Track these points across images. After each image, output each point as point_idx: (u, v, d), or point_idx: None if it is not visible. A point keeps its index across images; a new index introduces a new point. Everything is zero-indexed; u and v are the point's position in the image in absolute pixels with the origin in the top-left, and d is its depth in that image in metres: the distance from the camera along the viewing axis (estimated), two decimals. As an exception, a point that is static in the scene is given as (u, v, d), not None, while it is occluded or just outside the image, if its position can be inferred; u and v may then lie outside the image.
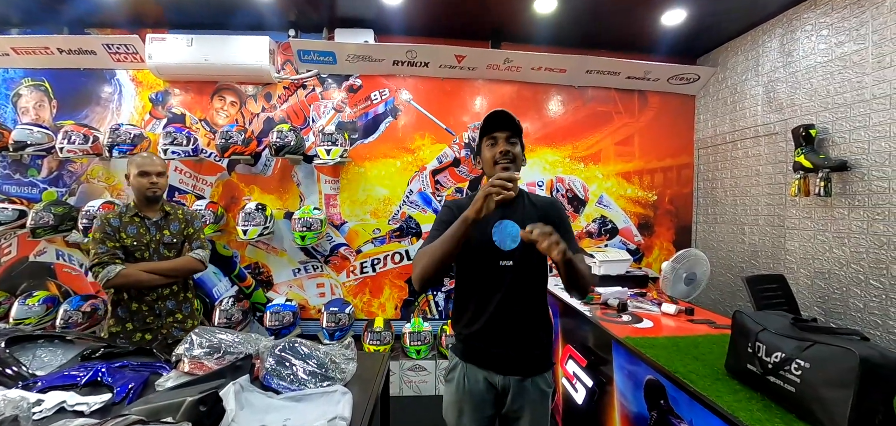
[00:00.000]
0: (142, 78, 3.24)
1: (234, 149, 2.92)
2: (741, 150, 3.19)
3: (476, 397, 1.35)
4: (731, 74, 3.29)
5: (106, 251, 1.73)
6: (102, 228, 1.76)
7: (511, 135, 1.31)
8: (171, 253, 1.87)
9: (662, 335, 1.94)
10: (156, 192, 1.84)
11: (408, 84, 3.32)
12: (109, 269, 1.70)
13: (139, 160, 1.83)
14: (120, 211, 1.84)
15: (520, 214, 1.34)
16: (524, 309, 1.34)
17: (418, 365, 2.94)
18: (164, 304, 1.86)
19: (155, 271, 1.79)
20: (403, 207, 3.33)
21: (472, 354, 1.37)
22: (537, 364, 1.37)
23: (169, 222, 1.90)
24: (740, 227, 3.19)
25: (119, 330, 1.81)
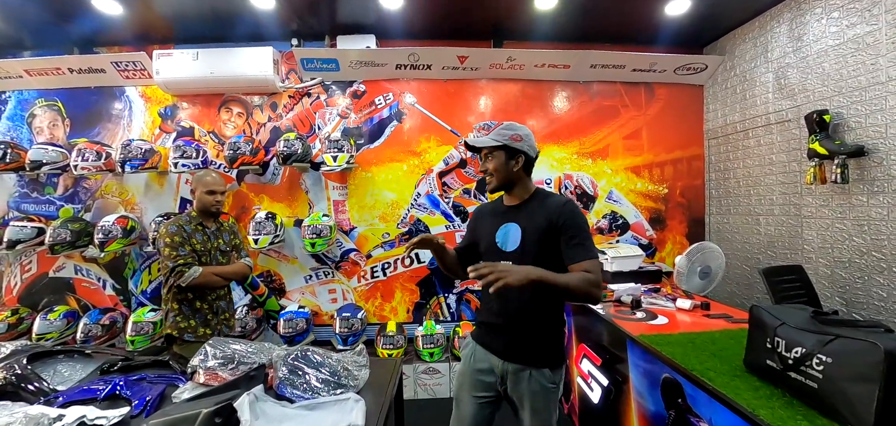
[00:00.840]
0: (150, 93, 3.30)
1: (242, 159, 2.95)
2: (753, 138, 3.12)
3: (478, 375, 1.52)
4: (739, 62, 3.23)
5: (187, 254, 1.93)
6: (179, 233, 1.95)
7: (487, 152, 1.48)
8: (224, 259, 2.12)
9: (678, 331, 1.91)
10: (220, 208, 2.10)
11: (411, 87, 3.32)
12: (194, 270, 1.91)
13: (209, 180, 2.06)
14: (185, 220, 2.03)
15: (526, 217, 1.46)
16: (522, 305, 1.43)
17: (432, 368, 2.94)
18: (220, 304, 2.11)
19: (220, 275, 2.03)
20: (412, 210, 3.33)
21: (480, 337, 1.56)
22: (537, 357, 1.43)
23: (222, 232, 2.15)
24: (755, 218, 3.13)
25: (185, 326, 1.99)
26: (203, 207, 2.06)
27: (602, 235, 3.47)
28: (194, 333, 2.00)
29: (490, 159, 1.47)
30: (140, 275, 3.31)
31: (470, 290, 3.38)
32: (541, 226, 1.40)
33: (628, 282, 2.89)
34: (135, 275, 3.31)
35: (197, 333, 2.01)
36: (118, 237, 2.96)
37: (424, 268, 3.34)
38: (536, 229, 1.41)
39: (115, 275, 3.33)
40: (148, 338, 2.98)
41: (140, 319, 2.98)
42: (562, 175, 3.42)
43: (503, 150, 1.45)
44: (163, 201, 3.28)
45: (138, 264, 3.31)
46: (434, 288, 3.36)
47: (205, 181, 2.06)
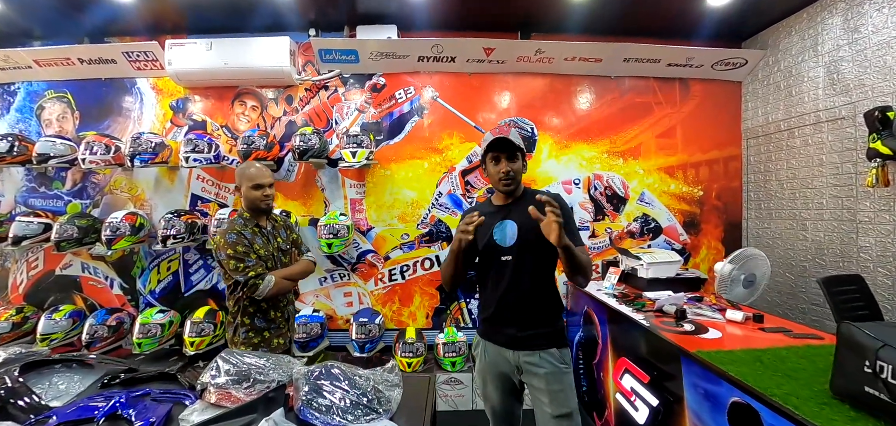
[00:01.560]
0: (162, 86, 3.17)
1: (256, 154, 2.80)
2: (799, 138, 2.91)
3: (496, 368, 1.61)
4: (784, 57, 3.02)
5: (255, 263, 1.73)
6: (241, 241, 1.75)
7: (511, 154, 1.51)
8: (286, 258, 1.93)
9: (738, 348, 1.71)
10: (269, 203, 1.86)
11: (433, 81, 3.15)
12: (268, 280, 1.72)
13: (253, 172, 1.83)
14: (242, 223, 1.83)
15: (521, 213, 1.50)
16: (527, 295, 1.53)
17: (454, 378, 2.76)
18: (290, 310, 1.97)
19: (290, 277, 1.86)
20: (433, 210, 3.16)
21: (489, 334, 1.63)
22: (546, 341, 1.54)
23: (278, 230, 1.95)
24: (801, 223, 2.91)
25: (259, 340, 1.82)
26: (252, 205, 1.84)
27: (633, 239, 3.27)
28: (269, 346, 1.84)
29: (515, 161, 1.52)
30: (148, 275, 3.18)
31: (492, 296, 3.19)
32: (535, 222, 1.40)
33: (665, 290, 2.71)
34: (143, 274, 3.19)
35: (271, 346, 1.85)
36: (126, 234, 2.83)
37: (445, 271, 3.17)
38: (531, 226, 1.43)
39: (122, 274, 3.20)
40: (156, 340, 2.85)
41: (147, 321, 2.84)
42: (591, 175, 3.23)
43: (520, 151, 1.54)
44: (173, 197, 3.15)
45: (147, 263, 3.18)
46: (455, 293, 3.19)
47: (248, 174, 1.83)
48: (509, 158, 1.50)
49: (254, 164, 1.88)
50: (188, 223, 2.87)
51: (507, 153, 1.50)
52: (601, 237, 3.25)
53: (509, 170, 1.49)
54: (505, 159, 1.50)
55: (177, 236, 2.81)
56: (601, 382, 2.51)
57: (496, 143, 1.50)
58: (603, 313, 2.52)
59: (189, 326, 2.80)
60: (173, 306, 3.11)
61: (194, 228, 2.92)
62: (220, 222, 2.79)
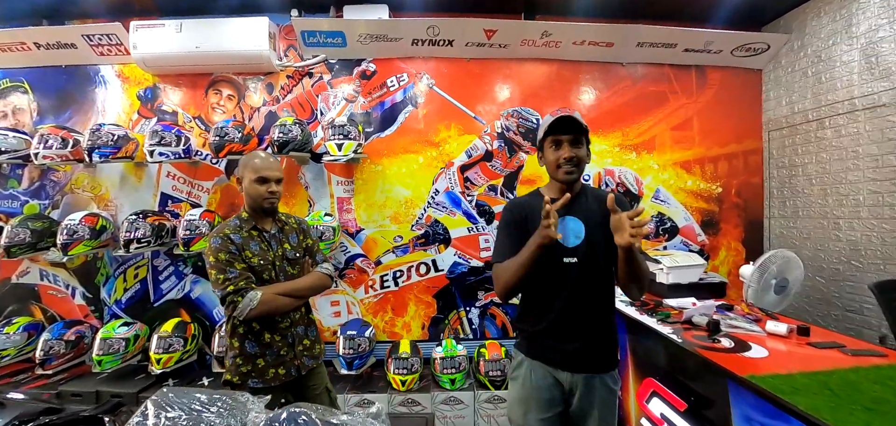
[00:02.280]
0: (128, 73, 2.86)
1: (230, 147, 2.50)
2: (831, 128, 2.65)
3: (542, 394, 1.37)
4: (812, 41, 2.76)
5: (238, 275, 1.44)
6: (225, 247, 1.47)
7: (575, 138, 1.32)
8: (295, 269, 1.62)
9: (795, 369, 1.44)
10: (274, 202, 1.57)
11: (429, 67, 2.87)
12: (251, 297, 1.41)
13: (257, 163, 1.53)
14: (235, 225, 1.55)
15: (583, 210, 1.37)
16: (591, 305, 1.35)
17: (453, 397, 2.46)
18: (295, 331, 1.60)
19: (290, 293, 1.52)
20: (428, 210, 2.87)
21: (539, 352, 1.40)
22: (606, 361, 1.38)
23: (287, 234, 1.65)
24: (833, 221, 2.65)
25: (249, 368, 1.52)
26: (253, 202, 1.55)
27: (647, 241, 3.00)
28: (262, 377, 1.52)
29: (580, 147, 1.33)
30: (114, 283, 2.86)
31: (494, 303, 2.91)
32: (602, 219, 1.29)
33: (688, 297, 2.45)
34: (108, 282, 2.87)
35: (265, 377, 1.52)
36: (85, 238, 2.51)
37: (443, 277, 2.88)
38: (598, 223, 1.33)
39: (86, 282, 2.88)
40: (119, 357, 2.53)
41: (109, 335, 2.53)
42: (602, 170, 2.96)
43: (585, 137, 1.35)
44: (141, 197, 2.84)
45: (112, 270, 2.86)
46: (454, 301, 2.90)
47: (252, 164, 1.53)
48: (573, 143, 1.31)
49: (259, 154, 1.58)
50: (155, 225, 2.56)
51: (570, 136, 1.31)
52: (613, 238, 2.98)
53: (573, 155, 1.31)
54: (567, 144, 1.31)
55: (142, 240, 2.50)
56: (621, 402, 2.23)
57: (558, 123, 1.32)
58: (621, 324, 2.24)
59: (156, 341, 2.50)
60: (141, 318, 2.80)
61: (162, 231, 2.61)
62: (189, 223, 2.48)
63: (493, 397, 2.47)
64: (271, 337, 1.54)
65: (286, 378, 1.57)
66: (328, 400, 1.68)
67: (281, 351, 1.55)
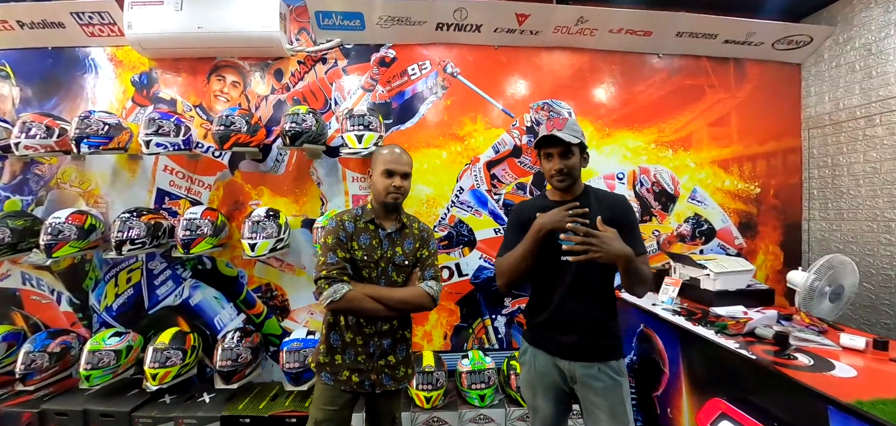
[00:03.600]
0: (122, 57, 2.61)
1: (235, 138, 2.25)
2: (883, 125, 2.48)
3: (545, 379, 1.48)
4: (860, 33, 2.60)
5: (335, 263, 1.45)
6: (336, 232, 1.50)
7: (565, 149, 1.40)
8: (400, 277, 1.55)
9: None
10: (398, 197, 1.53)
11: (454, 54, 2.64)
12: (336, 288, 1.41)
13: (386, 155, 1.53)
14: (356, 213, 1.56)
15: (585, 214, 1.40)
16: (588, 301, 1.43)
17: (483, 415, 2.25)
18: (380, 343, 1.53)
19: (381, 300, 1.46)
20: (452, 210, 2.65)
21: (540, 341, 1.51)
22: (605, 352, 1.44)
23: (404, 238, 1.58)
24: (884, 225, 2.49)
25: (327, 360, 1.52)
26: (378, 196, 1.53)
27: (683, 243, 2.82)
28: (335, 376, 1.50)
29: (569, 158, 1.41)
30: (104, 288, 2.60)
31: (523, 310, 2.69)
32: (605, 221, 1.33)
33: (735, 305, 2.26)
34: (97, 287, 2.60)
35: (338, 376, 1.50)
36: (71, 238, 2.26)
37: (467, 282, 2.66)
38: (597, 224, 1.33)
39: (73, 286, 2.62)
40: (110, 371, 2.28)
41: (98, 347, 2.27)
42: (636, 169, 2.76)
43: (579, 146, 1.42)
44: (134, 193, 2.58)
45: (102, 273, 2.60)
46: (478, 307, 2.68)
47: (382, 156, 1.53)
48: (562, 155, 1.41)
49: (393, 149, 1.56)
50: (150, 224, 2.31)
51: (559, 148, 1.40)
52: (648, 241, 2.78)
53: (562, 167, 1.41)
54: (557, 156, 1.41)
55: (136, 241, 2.25)
56: (670, 421, 2.04)
57: (543, 140, 1.42)
58: (670, 335, 2.05)
59: (151, 354, 2.24)
60: (134, 326, 2.55)
61: (159, 231, 2.36)
62: (189, 223, 2.24)
63: (527, 415, 2.25)
64: (353, 338, 1.50)
65: (359, 388, 1.52)
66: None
67: (358, 356, 1.51)
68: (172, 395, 2.37)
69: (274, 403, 2.31)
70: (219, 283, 2.60)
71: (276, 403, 2.31)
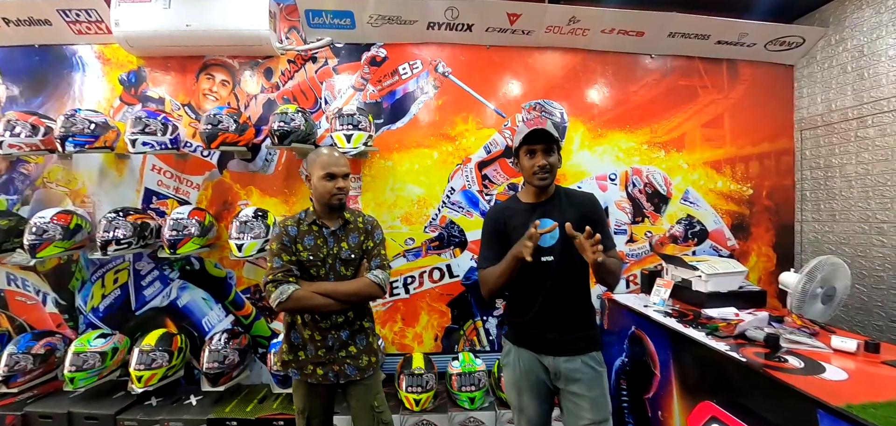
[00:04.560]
0: (110, 54, 2.57)
1: (223, 137, 2.22)
2: (875, 127, 2.48)
3: (531, 377, 1.52)
4: (853, 34, 2.60)
5: (280, 266, 1.51)
6: (280, 238, 1.56)
7: (548, 146, 1.45)
8: (349, 271, 1.61)
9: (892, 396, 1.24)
10: (341, 198, 1.58)
11: (445, 53, 2.63)
12: (282, 290, 1.47)
13: (325, 158, 1.57)
14: (299, 217, 1.63)
15: (557, 212, 1.48)
16: (567, 298, 1.49)
17: (474, 418, 2.22)
18: (338, 335, 1.59)
19: (330, 295, 1.53)
20: (443, 210, 2.63)
21: (524, 340, 1.54)
22: (585, 344, 1.50)
23: (348, 233, 1.63)
24: (875, 226, 2.49)
25: (291, 358, 1.60)
26: (321, 199, 1.57)
27: (676, 244, 2.81)
28: (301, 371, 1.59)
29: (552, 155, 1.45)
30: (90, 289, 2.56)
31: (513, 312, 2.68)
32: (574, 219, 1.38)
33: (727, 307, 2.25)
34: (84, 287, 2.56)
35: (304, 371, 1.58)
36: (57, 238, 2.22)
37: (458, 283, 2.64)
38: (572, 223, 1.35)
39: (59, 287, 2.58)
40: (95, 373, 2.24)
41: (83, 348, 2.23)
42: (629, 169, 2.75)
43: (557, 144, 1.47)
44: (122, 193, 2.55)
45: (89, 274, 2.56)
46: (469, 309, 2.66)
47: (320, 160, 1.57)
48: (546, 151, 1.44)
49: (325, 150, 1.61)
50: (137, 224, 2.28)
51: (543, 146, 1.44)
52: (640, 242, 2.77)
53: (546, 163, 1.43)
54: (541, 152, 1.44)
55: (122, 241, 2.22)
56: (661, 424, 2.02)
57: (532, 135, 1.43)
58: (662, 337, 2.03)
59: (136, 356, 2.21)
60: (121, 328, 2.51)
61: (146, 231, 2.33)
62: (176, 223, 2.21)
63: (517, 417, 2.23)
64: (311, 334, 1.56)
65: (325, 380, 1.58)
66: (369, 419, 1.64)
67: (318, 351, 1.57)
68: (159, 398, 2.34)
69: (262, 406, 2.28)
70: (207, 284, 2.57)
71: (263, 406, 2.28)
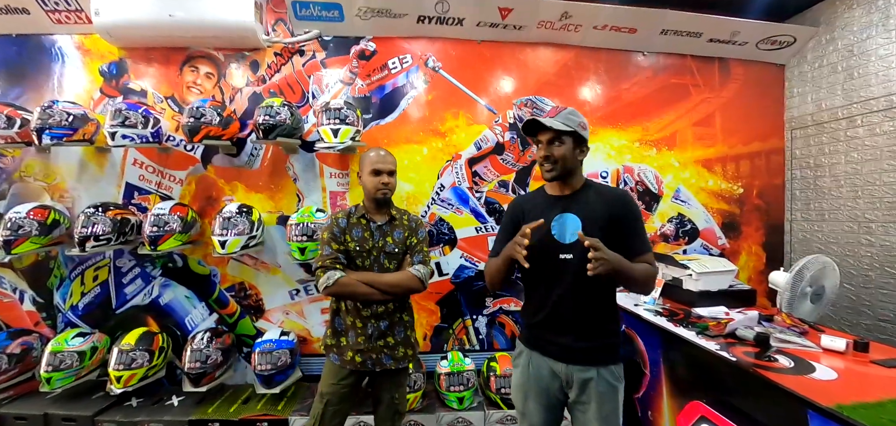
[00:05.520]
0: (90, 45, 2.50)
1: (206, 131, 2.17)
2: (864, 126, 2.49)
3: (541, 383, 1.41)
4: (844, 34, 2.60)
5: (329, 254, 1.61)
6: (331, 228, 1.66)
7: (553, 136, 1.34)
8: (392, 264, 1.69)
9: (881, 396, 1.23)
10: (386, 193, 1.67)
11: (435, 48, 2.59)
12: (329, 275, 1.57)
13: (373, 156, 1.68)
14: (350, 210, 1.73)
15: (582, 207, 1.36)
16: (587, 300, 1.34)
17: (462, 418, 2.19)
18: (378, 324, 1.66)
19: (373, 284, 1.61)
20: (433, 207, 2.59)
21: (536, 342, 1.44)
22: (603, 355, 1.36)
23: (393, 229, 1.71)
24: (864, 225, 2.49)
25: (333, 343, 1.69)
26: (368, 194, 1.68)
27: (667, 243, 2.80)
28: (340, 356, 1.66)
29: (558, 145, 1.34)
30: (69, 286, 2.49)
31: (504, 311, 2.65)
32: (601, 217, 1.32)
33: (717, 306, 2.24)
34: (62, 285, 2.49)
35: (343, 357, 1.65)
36: (33, 234, 2.15)
37: (447, 282, 2.60)
38: (596, 220, 1.32)
39: (37, 284, 2.50)
40: (73, 373, 2.17)
41: (60, 348, 2.17)
42: (620, 167, 2.73)
43: (572, 136, 1.35)
44: (103, 188, 2.48)
45: (68, 271, 2.49)
46: (459, 308, 2.63)
47: (369, 158, 1.67)
48: (550, 142, 1.35)
49: (379, 150, 1.71)
50: (117, 220, 2.21)
51: (547, 136, 1.34)
52: (631, 241, 2.76)
53: (548, 154, 1.35)
54: (544, 144, 1.36)
55: (101, 237, 2.15)
56: (651, 423, 2.00)
57: (526, 125, 1.39)
58: (652, 336, 2.02)
59: (116, 355, 2.14)
60: (102, 326, 2.45)
61: (126, 227, 2.26)
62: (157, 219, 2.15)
63: (506, 417, 2.20)
64: (353, 321, 1.64)
65: (362, 367, 1.64)
66: (388, 411, 1.71)
67: (359, 338, 1.63)
68: (139, 399, 2.28)
69: (245, 406, 2.23)
70: (190, 282, 2.51)
71: (247, 406, 2.23)
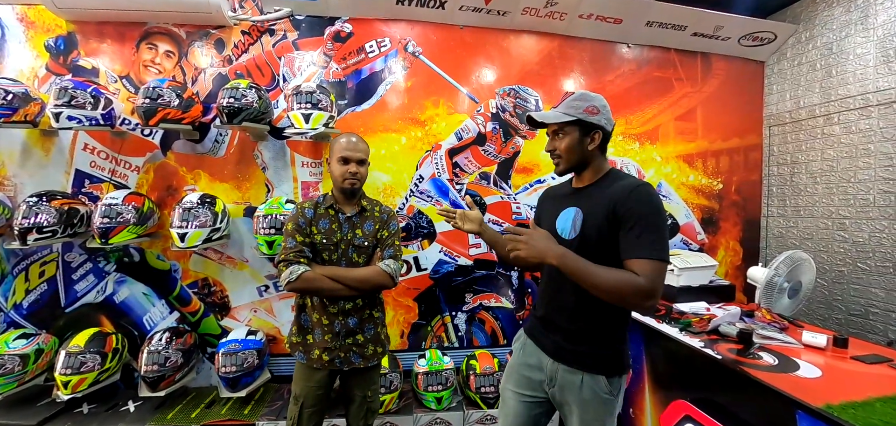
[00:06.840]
0: (34, 17, 2.26)
1: (164, 113, 1.98)
2: (840, 124, 2.51)
3: (524, 371, 1.39)
4: (822, 32, 2.62)
5: (293, 246, 1.51)
6: (296, 218, 1.56)
7: (557, 129, 1.29)
8: (361, 258, 1.59)
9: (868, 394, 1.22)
10: (354, 183, 1.56)
11: (415, 32, 2.46)
12: (292, 269, 1.47)
13: (343, 142, 1.56)
14: (317, 200, 1.61)
15: (588, 200, 1.28)
16: (580, 301, 1.24)
17: (440, 419, 2.11)
18: (345, 322, 1.57)
19: (339, 279, 1.51)
20: (411, 199, 2.48)
21: (531, 331, 1.43)
22: (592, 361, 1.25)
23: (363, 221, 1.62)
24: (838, 222, 2.53)
25: (299, 340, 1.60)
26: (336, 183, 1.58)
27: (648, 239, 2.77)
28: (307, 354, 1.57)
29: (560, 137, 1.28)
30: (12, 283, 2.26)
31: (484, 307, 2.58)
32: (600, 212, 1.20)
33: (698, 302, 2.24)
34: (4, 281, 2.27)
35: (310, 355, 1.57)
36: (-35, 225, 1.93)
37: (426, 277, 2.51)
38: (596, 215, 1.21)
39: (-25, 280, 2.27)
40: (14, 379, 1.98)
41: (1, 351, 1.96)
42: (604, 161, 2.68)
43: (577, 125, 1.25)
44: (49, 175, 2.25)
45: (9, 266, 2.26)
46: (438, 304, 2.53)
47: (338, 144, 1.56)
48: (554, 134, 1.30)
49: (349, 136, 1.58)
50: (64, 210, 2.01)
51: (552, 127, 1.30)
52: (613, 236, 2.72)
53: (552, 148, 1.31)
54: (551, 135, 1.32)
55: (45, 229, 1.95)
56: (632, 421, 1.97)
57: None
58: (633, 332, 1.98)
59: (63, 358, 1.96)
60: (49, 327, 2.24)
61: (74, 218, 2.06)
62: (109, 209, 1.96)
63: (486, 417, 2.14)
64: (319, 318, 1.56)
65: (330, 365, 1.57)
66: (360, 409, 1.64)
67: (325, 336, 1.55)
68: (92, 405, 2.11)
69: (209, 411, 2.08)
70: (148, 278, 2.32)
71: (211, 411, 2.09)
